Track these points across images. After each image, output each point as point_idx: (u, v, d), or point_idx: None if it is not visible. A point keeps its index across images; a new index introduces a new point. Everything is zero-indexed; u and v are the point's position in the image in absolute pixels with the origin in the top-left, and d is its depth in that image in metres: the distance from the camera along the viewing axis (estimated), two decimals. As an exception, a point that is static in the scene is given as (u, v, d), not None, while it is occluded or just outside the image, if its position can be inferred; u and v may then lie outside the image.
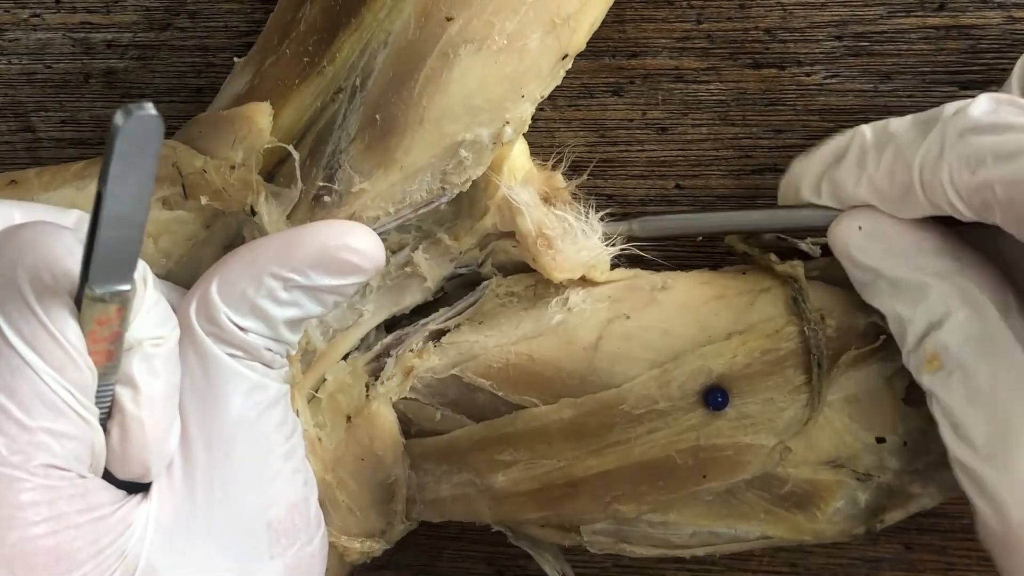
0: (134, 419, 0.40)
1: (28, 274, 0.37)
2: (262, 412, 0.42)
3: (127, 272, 0.36)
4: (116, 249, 0.35)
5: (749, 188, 0.51)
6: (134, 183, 0.34)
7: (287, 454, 0.43)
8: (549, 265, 0.47)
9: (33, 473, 0.37)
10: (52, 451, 0.37)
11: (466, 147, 0.45)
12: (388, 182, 0.45)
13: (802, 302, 0.47)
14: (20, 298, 0.37)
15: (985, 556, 0.43)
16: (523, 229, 0.47)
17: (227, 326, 0.41)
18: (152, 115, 0.32)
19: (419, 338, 0.49)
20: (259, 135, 0.45)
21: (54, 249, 0.37)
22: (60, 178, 0.48)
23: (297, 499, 0.43)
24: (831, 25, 0.48)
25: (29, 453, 0.37)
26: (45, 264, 0.37)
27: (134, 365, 0.39)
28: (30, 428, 0.37)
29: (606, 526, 0.50)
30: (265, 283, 0.41)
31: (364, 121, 0.45)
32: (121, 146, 0.32)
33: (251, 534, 0.42)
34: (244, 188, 0.45)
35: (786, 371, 0.47)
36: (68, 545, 0.37)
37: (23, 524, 0.37)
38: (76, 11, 0.52)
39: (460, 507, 0.50)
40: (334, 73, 0.45)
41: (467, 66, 0.43)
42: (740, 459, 0.47)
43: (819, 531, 0.49)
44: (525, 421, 0.48)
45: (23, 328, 0.37)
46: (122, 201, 0.34)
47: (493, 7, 0.43)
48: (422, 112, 0.44)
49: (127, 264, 0.36)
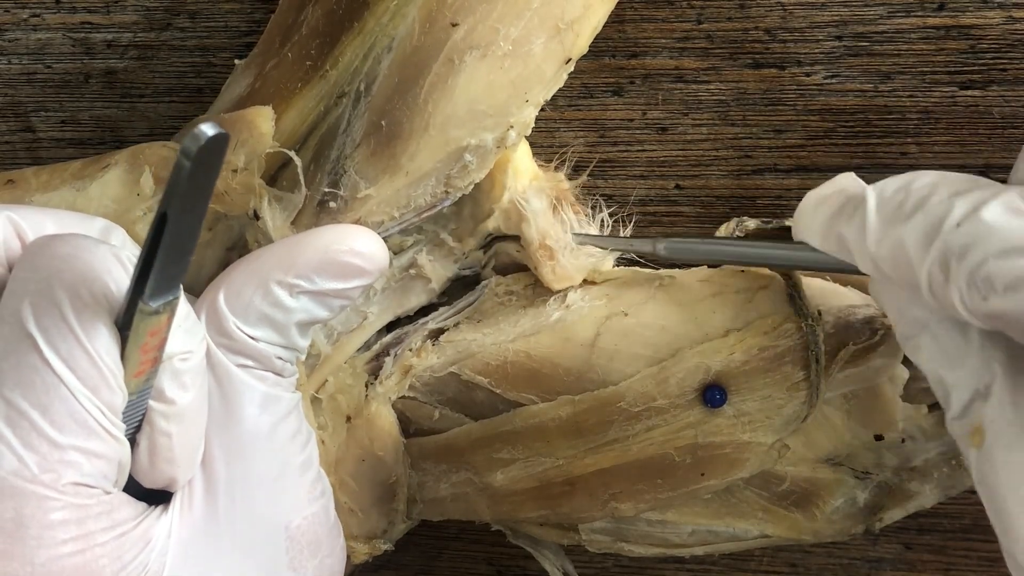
0: (163, 433, 0.40)
1: (67, 291, 0.36)
2: (277, 423, 0.42)
3: (179, 281, 0.37)
4: (173, 263, 0.35)
5: (749, 188, 0.51)
6: (197, 200, 0.34)
7: (304, 465, 0.43)
8: (548, 276, 0.48)
9: (63, 492, 0.37)
10: (82, 469, 0.37)
11: (471, 152, 0.45)
12: (393, 187, 0.45)
13: (799, 299, 0.47)
14: (58, 315, 0.36)
15: (985, 556, 0.43)
16: (527, 236, 0.47)
17: (237, 335, 0.41)
18: (222, 134, 0.32)
19: (418, 337, 0.49)
20: (261, 139, 0.45)
21: (94, 266, 0.37)
22: (58, 178, 0.48)
23: (317, 510, 0.43)
24: (831, 25, 0.48)
25: (59, 471, 0.37)
26: (84, 281, 0.37)
27: (164, 380, 0.39)
28: (61, 446, 0.36)
29: (604, 525, 0.50)
30: (272, 290, 0.41)
31: (369, 127, 0.45)
32: (192, 168, 0.32)
33: (271, 547, 0.42)
34: (246, 192, 0.45)
35: (784, 368, 0.47)
36: (94, 563, 0.37)
37: (52, 543, 0.37)
38: (76, 11, 0.52)
39: (459, 506, 0.50)
40: (337, 77, 0.45)
41: (472, 72, 0.43)
42: (738, 457, 0.47)
43: (818, 530, 0.49)
44: (523, 419, 0.48)
45: (60, 346, 0.36)
46: (185, 219, 0.34)
47: (498, 13, 0.43)
48: (428, 118, 0.44)
49: (180, 274, 0.36)
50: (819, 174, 0.50)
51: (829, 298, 0.47)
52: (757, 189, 0.51)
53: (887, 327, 0.47)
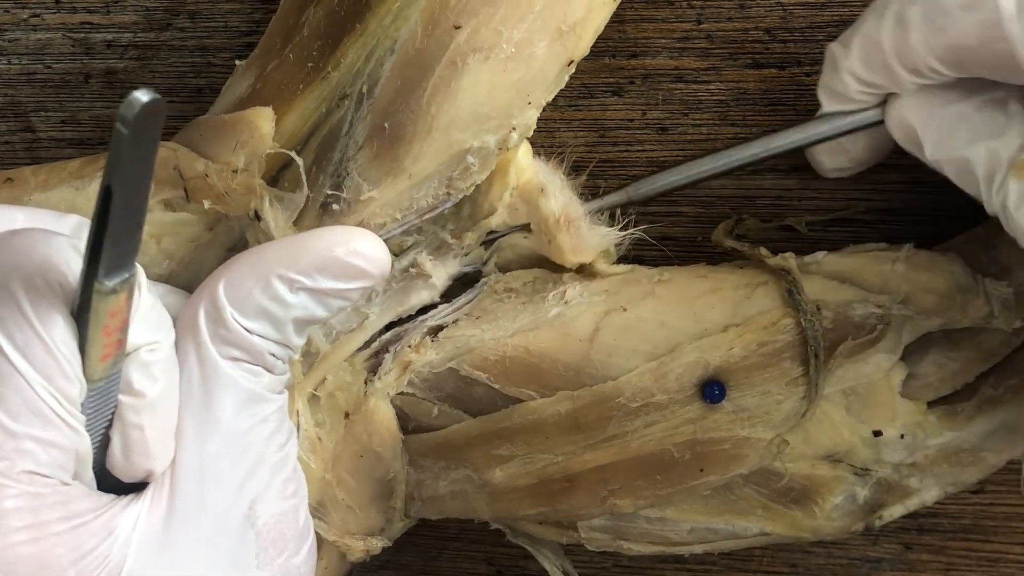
0: (135, 427, 0.40)
1: (23, 280, 0.37)
2: (256, 423, 0.42)
3: (132, 258, 0.36)
4: (123, 239, 0.35)
5: (750, 188, 0.51)
6: (140, 171, 0.34)
7: (278, 464, 0.43)
8: (566, 245, 0.48)
9: (17, 480, 0.37)
10: (37, 458, 0.37)
11: (473, 154, 0.45)
12: (396, 190, 0.45)
13: (797, 294, 0.47)
14: (14, 304, 0.37)
15: (985, 556, 0.43)
16: (545, 210, 0.47)
17: (233, 326, 0.41)
18: (156, 99, 0.32)
19: (417, 334, 0.49)
20: (261, 140, 0.45)
21: (50, 256, 0.37)
22: (56, 177, 0.48)
23: (286, 508, 0.43)
24: (831, 25, 0.49)
25: (13, 460, 0.37)
26: (40, 270, 0.37)
27: (132, 371, 0.39)
28: (16, 434, 0.37)
29: (603, 522, 0.50)
30: (272, 284, 0.41)
31: (372, 129, 0.45)
32: (131, 135, 0.32)
33: (238, 543, 0.42)
34: (247, 193, 0.45)
35: (783, 363, 0.47)
36: (49, 552, 0.37)
37: (5, 531, 0.37)
38: (76, 11, 0.52)
39: (458, 504, 0.50)
40: (339, 79, 0.45)
41: (476, 75, 0.43)
42: (737, 452, 0.47)
43: (817, 527, 0.49)
44: (522, 415, 0.48)
45: (16, 335, 0.37)
46: (130, 192, 0.34)
47: (501, 16, 0.43)
48: (431, 121, 0.44)
49: (133, 251, 0.36)
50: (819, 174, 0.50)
51: (828, 294, 0.47)
52: (757, 189, 0.51)
53: (886, 323, 0.47)
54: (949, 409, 0.49)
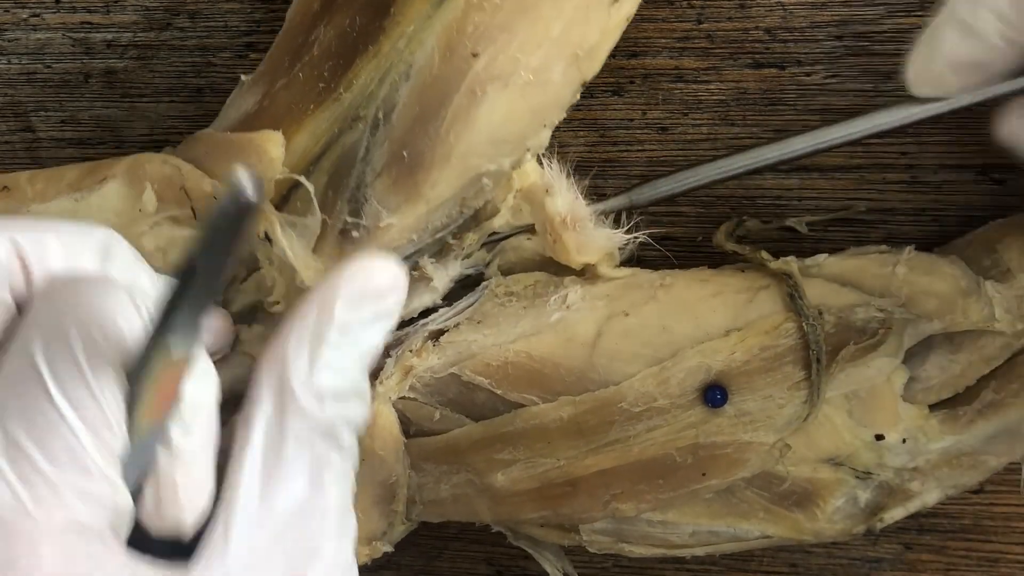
0: (167, 477, 0.39)
1: (80, 331, 0.36)
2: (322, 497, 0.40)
3: (201, 329, 0.36)
4: (197, 311, 0.35)
5: (749, 188, 0.51)
6: (226, 253, 0.34)
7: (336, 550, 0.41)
8: (572, 245, 0.47)
9: (54, 530, 0.36)
10: (75, 510, 0.37)
11: (489, 176, 0.45)
12: (414, 215, 0.45)
13: (798, 298, 0.47)
14: (69, 354, 0.36)
15: (985, 556, 0.43)
16: (551, 209, 0.47)
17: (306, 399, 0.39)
18: (252, 201, 0.31)
19: (418, 338, 0.49)
20: (270, 165, 0.45)
21: (108, 309, 0.37)
22: (54, 188, 0.47)
23: None
24: (831, 25, 0.48)
25: (52, 509, 0.36)
26: (98, 324, 0.36)
27: (172, 426, 0.39)
28: (56, 485, 0.36)
29: (605, 525, 0.50)
30: (323, 349, 0.39)
31: (391, 157, 0.44)
32: (234, 213, 0.32)
33: None
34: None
35: (785, 367, 0.47)
36: None
37: None
38: (76, 11, 0.52)
39: (459, 507, 0.50)
40: (351, 100, 0.45)
41: (494, 102, 0.43)
42: (739, 457, 0.47)
43: (819, 530, 0.49)
44: (524, 420, 0.48)
45: (67, 385, 0.36)
46: (214, 269, 0.34)
47: (518, 43, 0.43)
48: (449, 148, 0.44)
49: (203, 321, 0.36)
50: (819, 174, 0.50)
51: (830, 297, 0.47)
52: (757, 189, 0.51)
53: (888, 326, 0.47)
54: (951, 413, 0.49)
